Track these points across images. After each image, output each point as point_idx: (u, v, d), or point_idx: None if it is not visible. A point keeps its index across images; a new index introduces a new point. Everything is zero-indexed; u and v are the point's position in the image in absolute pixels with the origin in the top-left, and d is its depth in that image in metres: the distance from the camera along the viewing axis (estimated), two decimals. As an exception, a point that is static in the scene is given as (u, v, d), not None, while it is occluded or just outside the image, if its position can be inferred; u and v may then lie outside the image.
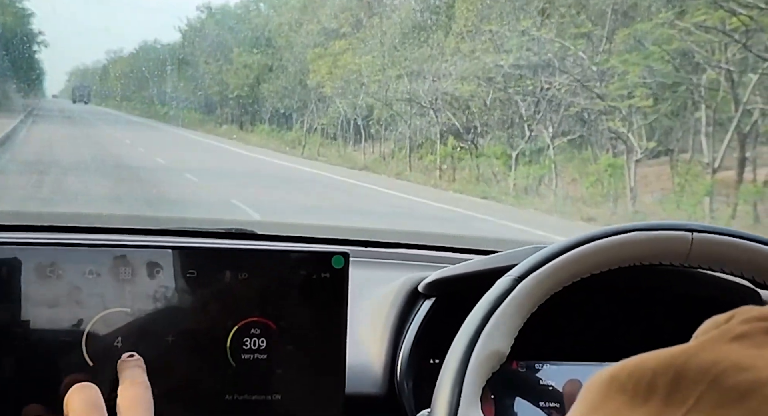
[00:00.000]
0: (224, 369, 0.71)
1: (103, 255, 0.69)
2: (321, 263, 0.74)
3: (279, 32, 8.94)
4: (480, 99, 7.46)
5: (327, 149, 8.73)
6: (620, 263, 0.70)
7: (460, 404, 0.63)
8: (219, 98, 9.13)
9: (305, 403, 0.73)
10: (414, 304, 0.84)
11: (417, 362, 0.81)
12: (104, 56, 10.68)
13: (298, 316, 0.73)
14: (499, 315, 0.66)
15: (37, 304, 0.67)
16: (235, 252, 0.73)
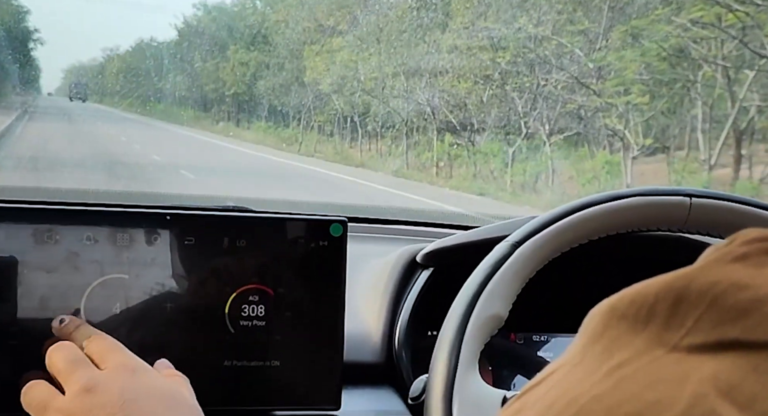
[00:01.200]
0: (223, 336, 0.72)
1: (101, 221, 0.69)
2: (319, 231, 0.74)
3: (275, 29, 8.93)
4: (477, 96, 7.47)
5: (324, 146, 8.73)
6: (618, 229, 0.70)
7: (458, 367, 0.63)
8: (215, 96, 9.12)
9: (304, 370, 0.73)
10: (412, 274, 0.84)
11: (415, 332, 0.81)
12: (100, 54, 10.66)
13: (297, 284, 0.73)
14: (497, 279, 0.66)
15: (34, 269, 0.67)
16: (233, 220, 0.73)
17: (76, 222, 0.68)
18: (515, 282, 0.66)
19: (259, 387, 0.72)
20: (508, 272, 0.66)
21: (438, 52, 7.89)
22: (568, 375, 0.30)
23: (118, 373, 0.55)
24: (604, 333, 0.30)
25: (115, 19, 10.68)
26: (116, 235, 0.69)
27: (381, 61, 8.03)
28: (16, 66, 7.08)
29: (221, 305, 0.71)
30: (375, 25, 8.42)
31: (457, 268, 0.74)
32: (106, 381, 0.54)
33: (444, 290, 0.73)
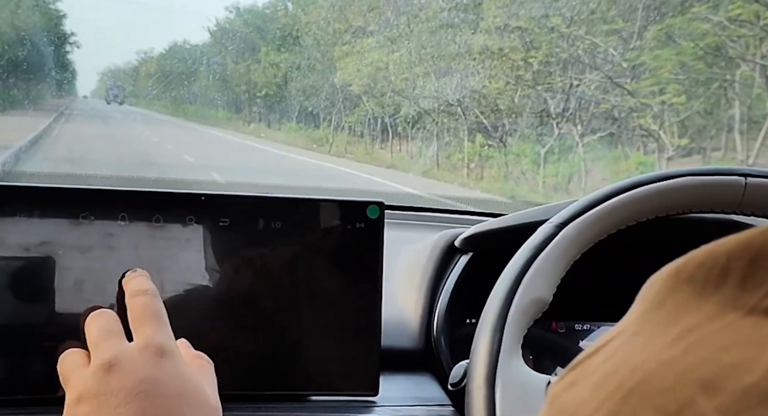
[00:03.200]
0: (258, 319, 0.70)
1: (136, 202, 0.68)
2: (356, 213, 0.72)
3: (306, 31, 8.95)
4: (508, 96, 7.42)
5: (354, 147, 8.74)
6: (668, 210, 0.67)
7: (501, 351, 0.60)
8: (247, 97, 9.18)
9: (341, 355, 0.71)
10: (450, 260, 0.82)
11: (453, 318, 0.79)
12: (135, 57, 10.78)
13: (333, 266, 0.71)
14: (540, 261, 0.63)
15: (70, 250, 0.66)
16: (268, 201, 0.71)
17: (111, 204, 0.67)
18: (559, 265, 0.64)
19: (296, 372, 0.70)
20: (552, 254, 0.63)
21: (469, 53, 7.86)
22: (628, 343, 0.28)
23: (143, 355, 0.52)
24: (667, 298, 0.28)
25: (150, 22, 10.81)
26: (151, 216, 0.68)
27: (412, 62, 8.02)
28: (54, 69, 7.19)
29: (256, 287, 0.69)
30: (406, 25, 8.41)
31: (496, 254, 0.71)
32: (126, 360, 0.51)
33: (483, 276, 0.71)
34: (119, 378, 0.50)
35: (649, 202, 0.65)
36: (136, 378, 0.50)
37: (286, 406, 0.69)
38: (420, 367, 0.79)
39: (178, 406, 0.51)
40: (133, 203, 0.67)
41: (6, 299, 0.64)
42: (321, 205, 0.72)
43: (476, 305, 0.67)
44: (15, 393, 0.63)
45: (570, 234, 0.64)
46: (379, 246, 0.72)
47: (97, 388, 0.50)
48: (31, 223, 0.65)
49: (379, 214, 0.72)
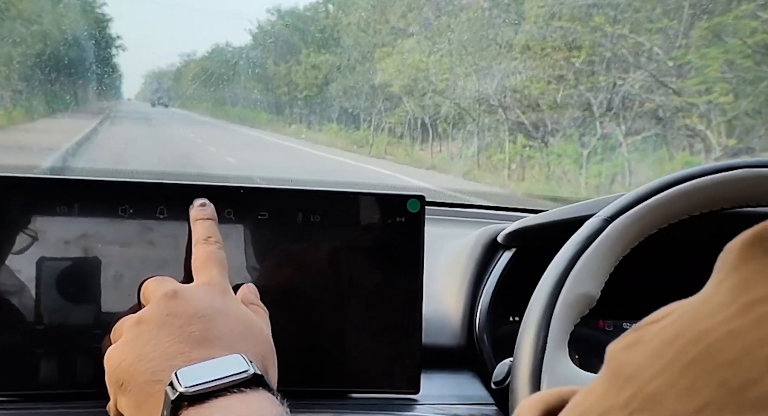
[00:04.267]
0: (297, 315, 0.69)
1: (175, 195, 0.68)
2: (396, 207, 0.71)
3: (347, 32, 8.99)
4: (550, 96, 7.34)
5: (394, 148, 8.73)
6: (723, 204, 0.64)
7: (547, 348, 0.58)
8: (288, 98, 9.24)
9: (381, 352, 0.70)
10: (493, 255, 0.80)
11: (496, 315, 0.77)
12: (178, 59, 10.93)
13: (373, 261, 0.70)
14: (588, 256, 0.61)
15: (109, 244, 0.66)
16: (307, 194, 0.70)
17: (149, 197, 0.67)
18: (607, 260, 0.61)
19: (335, 368, 0.69)
20: (600, 248, 0.61)
21: (510, 53, 7.80)
22: (695, 308, 0.26)
23: (204, 289, 0.53)
24: (740, 265, 0.26)
25: (193, 24, 10.97)
26: (190, 210, 0.67)
27: (452, 62, 7.99)
28: (100, 72, 7.32)
29: (296, 283, 0.68)
30: (446, 26, 8.38)
31: (541, 249, 0.69)
32: (190, 291, 0.52)
33: (527, 273, 0.69)
34: (183, 303, 0.51)
35: (702, 194, 0.62)
36: (200, 304, 0.51)
37: (326, 403, 0.68)
38: (462, 365, 0.77)
39: (240, 334, 0.52)
40: (171, 196, 0.67)
41: (50, 297, 0.64)
42: (361, 199, 0.70)
43: (520, 303, 0.65)
44: (59, 387, 0.63)
45: (619, 228, 0.61)
46: (420, 240, 0.71)
47: (160, 311, 0.50)
48: (71, 217, 0.64)
49: (419, 208, 0.71)
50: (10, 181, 0.64)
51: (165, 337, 0.48)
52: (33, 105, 6.45)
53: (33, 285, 0.64)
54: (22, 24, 6.40)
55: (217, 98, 9.12)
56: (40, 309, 0.64)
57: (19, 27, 6.36)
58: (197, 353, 0.48)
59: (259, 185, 0.69)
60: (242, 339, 0.52)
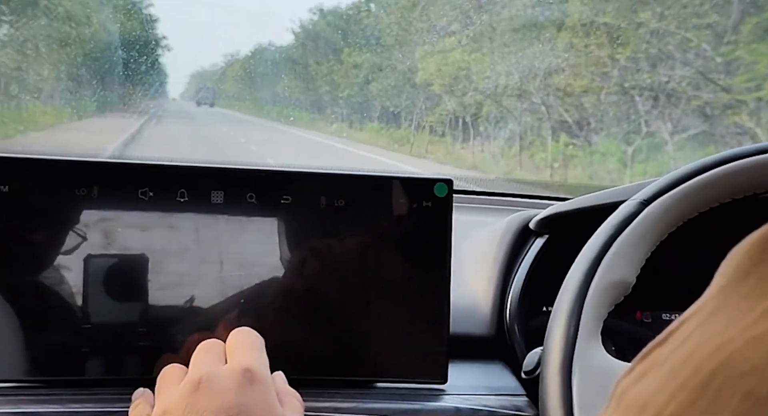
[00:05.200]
0: (320, 301, 0.68)
1: (195, 178, 0.67)
2: (423, 191, 0.69)
3: (388, 31, 8.99)
4: (594, 94, 7.23)
5: (435, 147, 8.70)
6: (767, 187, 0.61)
7: (578, 336, 0.55)
8: (329, 98, 9.28)
9: (408, 340, 0.68)
10: (524, 243, 0.78)
11: (527, 304, 0.75)
12: (222, 59, 11.07)
13: (399, 247, 0.68)
14: (622, 240, 0.58)
15: (128, 227, 0.65)
16: (331, 178, 0.68)
17: (169, 179, 0.66)
18: (643, 245, 0.58)
19: (360, 356, 0.68)
20: (636, 233, 0.58)
21: (553, 50, 7.70)
22: (707, 322, 0.24)
23: (236, 378, 0.51)
24: (753, 270, 0.24)
25: (236, 24, 11.10)
26: (210, 193, 0.66)
27: (494, 61, 7.93)
28: (146, 72, 7.44)
29: (319, 269, 0.67)
30: (488, 24, 8.32)
31: (574, 236, 0.67)
32: (217, 381, 0.50)
33: (559, 261, 0.66)
34: (207, 398, 0.49)
35: (746, 176, 0.59)
36: (224, 400, 0.49)
37: (352, 392, 0.67)
38: (491, 355, 0.75)
39: None
40: (192, 179, 0.65)
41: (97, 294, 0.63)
42: (386, 182, 0.68)
43: (552, 292, 0.62)
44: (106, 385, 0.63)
45: (655, 212, 0.58)
46: (448, 226, 0.68)
47: (184, 405, 0.49)
48: (90, 199, 0.64)
49: (447, 192, 0.68)
50: (24, 162, 0.63)
51: None
52: (81, 104, 6.58)
53: (80, 283, 0.63)
54: (70, 25, 6.55)
55: (259, 97, 9.19)
56: (87, 307, 0.63)
57: (68, 28, 6.50)
58: None
59: (282, 168, 0.68)
60: None
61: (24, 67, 6.28)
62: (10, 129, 5.86)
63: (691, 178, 0.59)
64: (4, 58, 6.26)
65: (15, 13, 6.13)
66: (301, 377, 0.66)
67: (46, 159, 0.64)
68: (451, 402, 0.66)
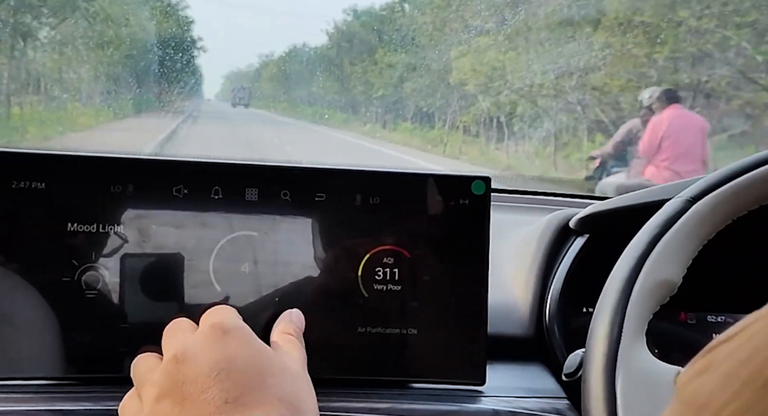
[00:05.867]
0: (355, 300, 0.66)
1: (229, 175, 0.66)
2: (460, 189, 0.67)
3: (423, 32, 8.98)
4: (631, 93, 7.14)
5: (469, 147, 8.67)
6: (822, 185, 0.58)
7: (622, 337, 0.53)
8: (363, 98, 9.31)
9: (444, 340, 0.67)
10: (564, 242, 0.76)
11: (567, 305, 0.73)
12: (257, 60, 11.16)
13: (435, 245, 0.67)
14: (668, 239, 0.56)
15: (162, 224, 0.64)
16: (366, 175, 0.67)
17: (204, 177, 0.65)
18: (689, 244, 0.56)
19: (396, 356, 0.66)
20: (682, 231, 0.56)
21: (590, 50, 7.62)
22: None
23: (208, 337, 0.50)
24: None
25: (271, 26, 11.20)
26: (245, 191, 0.65)
27: (529, 60, 7.87)
28: (182, 73, 7.53)
29: (353, 267, 0.66)
30: (523, 23, 8.26)
31: (616, 236, 0.65)
32: (194, 348, 0.49)
33: (601, 261, 0.64)
34: (192, 366, 0.47)
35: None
36: (208, 359, 0.48)
37: (388, 392, 0.66)
38: (530, 356, 0.73)
39: (260, 378, 0.48)
40: (226, 177, 0.65)
41: (134, 293, 0.63)
42: (422, 180, 0.67)
43: (593, 292, 0.61)
44: None
45: (703, 210, 0.56)
46: (485, 224, 0.67)
47: (175, 382, 0.47)
48: (125, 197, 0.63)
49: (485, 190, 0.67)
50: (59, 159, 0.63)
51: (190, 412, 0.46)
52: (118, 105, 6.68)
53: (116, 281, 0.63)
54: (110, 27, 6.66)
55: (293, 98, 9.26)
56: (123, 305, 0.63)
57: (108, 30, 6.61)
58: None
59: (317, 165, 0.67)
60: (263, 385, 0.48)
61: (64, 69, 6.40)
62: (50, 130, 5.97)
63: (741, 175, 0.57)
64: (45, 60, 6.39)
65: (55, 15, 6.25)
66: (335, 377, 0.65)
67: (82, 156, 0.64)
68: (490, 404, 0.65)
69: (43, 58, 6.47)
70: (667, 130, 3.38)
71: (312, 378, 0.65)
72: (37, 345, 0.61)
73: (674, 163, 3.35)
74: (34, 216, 0.62)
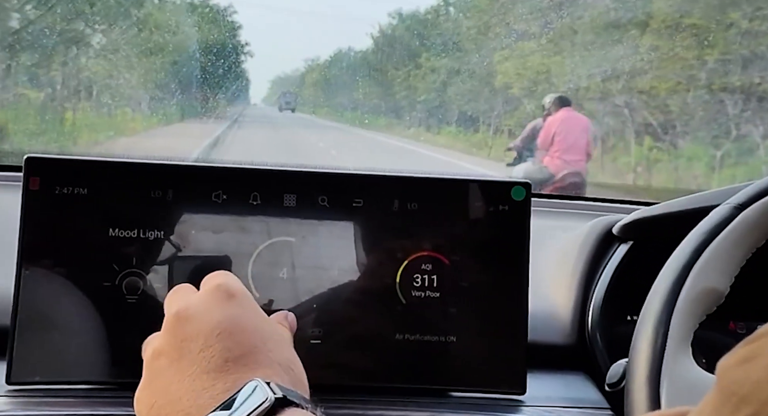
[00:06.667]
0: (393, 307, 0.66)
1: (268, 181, 0.66)
2: (499, 194, 0.66)
3: (467, 36, 8.95)
4: (680, 96, 7.00)
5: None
6: None
7: (666, 348, 0.52)
8: (407, 102, 9.31)
9: (483, 348, 0.66)
10: (607, 249, 0.74)
11: (611, 312, 0.71)
12: (302, 64, 11.25)
13: (474, 252, 0.66)
14: (715, 246, 0.55)
15: (202, 230, 0.65)
16: (404, 181, 0.67)
17: (243, 183, 0.65)
18: (737, 252, 0.55)
19: (435, 364, 0.66)
20: (729, 239, 0.54)
21: (636, 53, 7.51)
22: None
23: (213, 297, 0.49)
24: None
25: (318, 30, 11.29)
26: (283, 196, 0.65)
27: (574, 63, 7.78)
28: (229, 78, 7.62)
29: (391, 273, 0.65)
30: (568, 27, 8.17)
31: (661, 243, 0.63)
32: (198, 306, 0.48)
33: (645, 268, 0.63)
34: (195, 324, 0.47)
35: None
36: (211, 318, 0.47)
37: (426, 401, 0.65)
38: (572, 365, 0.72)
39: (262, 342, 0.47)
40: (264, 182, 0.65)
41: None
42: (461, 185, 0.66)
43: (637, 301, 0.59)
44: None
45: (751, 217, 0.55)
46: (526, 231, 0.66)
47: (174, 338, 0.47)
48: (165, 202, 0.64)
49: (525, 196, 0.66)
50: (101, 165, 0.64)
51: (187, 369, 0.45)
52: (166, 110, 6.80)
53: (162, 285, 0.63)
54: (159, 34, 6.78)
55: (338, 102, 9.31)
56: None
57: (157, 37, 6.74)
58: (222, 384, 0.44)
59: (355, 171, 0.67)
60: (264, 349, 0.47)
61: (114, 75, 6.54)
62: (101, 135, 6.11)
63: (793, 180, 0.55)
64: (96, 67, 6.54)
65: (107, 22, 6.39)
66: (373, 384, 0.65)
67: (123, 162, 0.65)
68: (530, 414, 0.64)
69: (94, 65, 6.62)
70: (558, 127, 4.19)
71: (349, 386, 0.65)
72: (81, 349, 0.62)
73: (563, 154, 4.12)
74: (77, 221, 0.63)
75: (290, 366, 0.48)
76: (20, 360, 0.62)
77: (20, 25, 5.40)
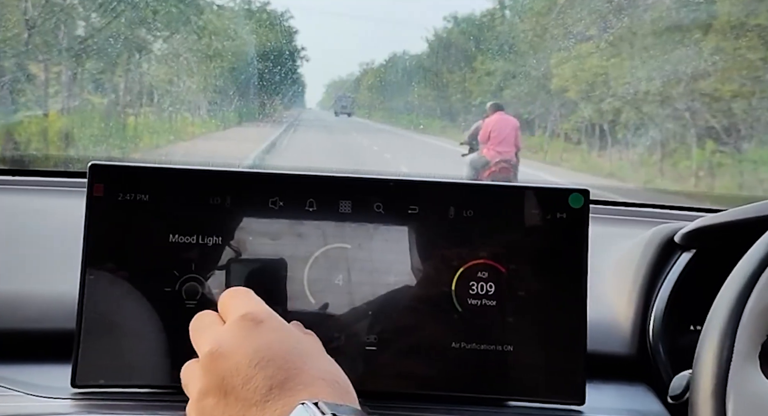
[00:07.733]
0: (449, 315, 0.66)
1: (323, 188, 0.66)
2: (557, 202, 0.65)
3: (523, 38, 8.86)
4: (745, 99, 6.80)
5: (570, 154, 8.49)
6: None
7: (732, 360, 0.50)
8: (461, 105, 9.27)
9: (541, 357, 0.65)
10: (669, 257, 0.72)
11: (673, 323, 0.69)
12: (357, 68, 11.32)
13: (531, 260, 0.65)
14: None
15: (259, 236, 0.65)
16: (459, 187, 0.66)
17: (299, 189, 0.66)
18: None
19: (491, 373, 0.65)
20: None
21: (699, 55, 7.32)
22: None
23: (241, 328, 0.49)
24: None
25: (374, 34, 11.36)
26: (338, 203, 0.66)
27: (634, 66, 7.63)
28: (286, 83, 7.71)
29: (447, 281, 0.65)
30: (628, 28, 8.02)
31: (725, 251, 0.61)
32: (230, 341, 0.48)
33: (709, 277, 0.61)
34: (231, 359, 0.47)
35: None
36: (248, 350, 0.47)
37: (482, 410, 0.64)
38: (632, 376, 0.70)
39: (301, 360, 0.47)
40: (320, 188, 0.65)
41: None
42: (517, 192, 0.65)
43: (700, 310, 0.58)
44: None
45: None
46: (584, 238, 0.65)
47: (215, 377, 0.47)
48: (223, 208, 0.65)
49: (583, 204, 0.65)
50: (161, 171, 0.65)
51: (235, 405, 0.45)
52: (224, 115, 6.91)
53: (219, 290, 0.64)
54: (218, 40, 6.92)
55: (392, 106, 9.33)
56: None
57: (216, 43, 6.87)
58: (271, 412, 0.44)
59: (410, 178, 0.66)
60: (305, 367, 0.47)
61: (174, 81, 6.69)
62: (162, 139, 6.25)
63: None
64: (158, 72, 6.70)
65: (168, 28, 6.54)
66: (429, 392, 0.64)
67: (182, 169, 0.66)
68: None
69: (156, 71, 6.78)
70: (493, 126, 5.45)
71: (404, 393, 0.64)
72: (142, 353, 0.63)
73: (497, 146, 5.35)
74: (139, 227, 0.64)
75: (334, 378, 0.48)
76: (85, 364, 0.63)
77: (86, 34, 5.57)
